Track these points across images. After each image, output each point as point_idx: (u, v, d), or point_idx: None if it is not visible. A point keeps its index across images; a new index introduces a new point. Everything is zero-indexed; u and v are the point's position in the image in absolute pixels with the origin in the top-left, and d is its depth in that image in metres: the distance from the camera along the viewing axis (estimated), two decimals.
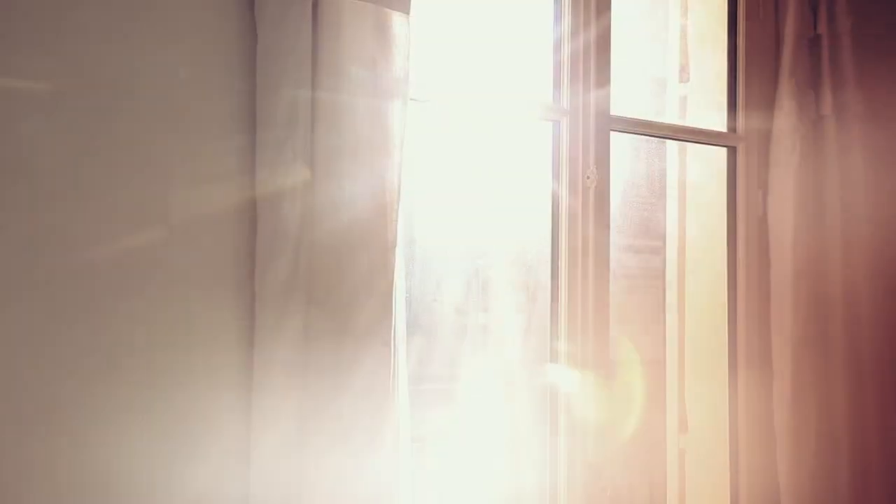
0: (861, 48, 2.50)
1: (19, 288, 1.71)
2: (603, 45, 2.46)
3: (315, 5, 1.88)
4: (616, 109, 2.48)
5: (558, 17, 2.46)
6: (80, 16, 1.76)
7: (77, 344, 1.74)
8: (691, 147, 2.81)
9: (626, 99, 2.66)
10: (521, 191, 2.50)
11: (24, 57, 1.71)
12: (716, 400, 2.57)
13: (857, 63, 2.50)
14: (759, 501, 2.47)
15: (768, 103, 2.58)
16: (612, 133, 2.46)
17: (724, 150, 2.71)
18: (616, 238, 2.47)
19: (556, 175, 2.42)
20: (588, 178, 2.41)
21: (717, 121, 2.74)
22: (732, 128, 2.70)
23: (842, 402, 2.44)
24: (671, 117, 2.87)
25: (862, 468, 2.44)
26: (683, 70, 2.79)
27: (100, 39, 1.78)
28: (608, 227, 2.41)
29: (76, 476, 1.74)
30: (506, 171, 2.48)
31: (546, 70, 2.45)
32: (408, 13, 1.98)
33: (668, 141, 2.84)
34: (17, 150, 1.70)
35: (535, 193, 2.46)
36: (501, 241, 2.44)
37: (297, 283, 1.87)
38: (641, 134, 2.69)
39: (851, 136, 2.49)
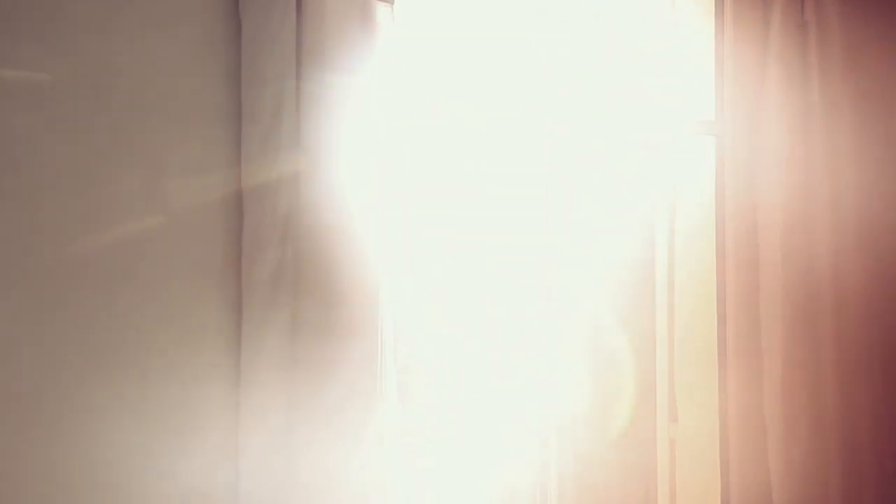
0: (849, 35, 2.49)
1: (6, 283, 1.70)
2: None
3: None
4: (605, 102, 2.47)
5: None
6: (73, 9, 1.75)
7: (64, 338, 1.74)
8: (681, 136, 2.80)
9: (613, 91, 2.65)
10: (514, 184, 2.48)
11: (18, 49, 1.70)
12: (706, 390, 2.56)
13: (845, 50, 2.49)
14: (750, 491, 2.47)
15: (756, 90, 2.57)
16: (600, 126, 2.46)
17: (712, 139, 2.70)
18: (606, 227, 2.46)
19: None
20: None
21: (706, 110, 2.73)
22: (720, 116, 2.69)
23: (832, 391, 2.44)
24: (659, 108, 2.86)
25: (853, 456, 2.44)
26: (670, 60, 2.78)
27: (90, 31, 1.77)
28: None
29: (66, 471, 1.73)
30: (495, 164, 2.46)
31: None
32: (392, 3, 1.98)
33: (658, 130, 2.83)
34: (7, 142, 1.70)
35: (527, 189, 2.46)
36: (495, 233, 2.42)
37: (284, 275, 1.86)
38: (630, 127, 2.68)
39: (841, 124, 2.49)
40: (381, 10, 1.96)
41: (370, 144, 1.94)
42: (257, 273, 1.86)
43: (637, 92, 2.77)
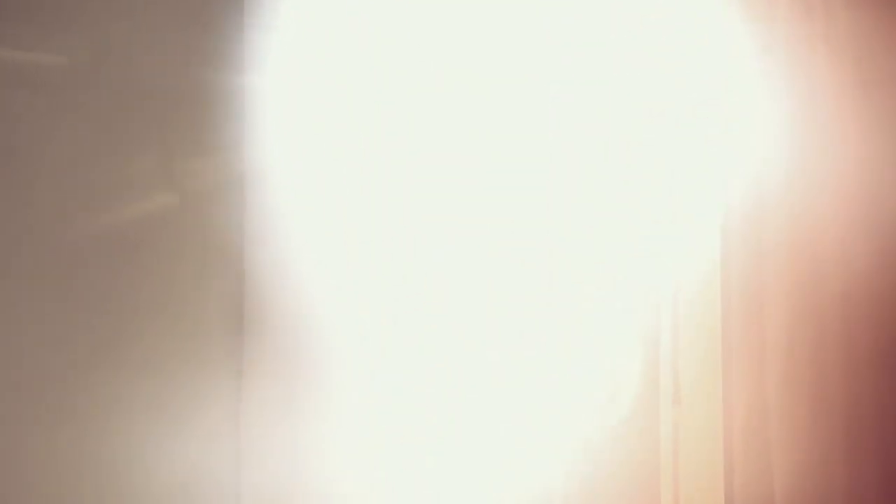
0: (857, 20, 2.48)
1: (4, 269, 1.69)
2: None
3: None
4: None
5: None
6: None
7: (61, 328, 1.73)
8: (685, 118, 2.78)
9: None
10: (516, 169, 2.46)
11: (27, 32, 1.70)
12: (710, 372, 2.57)
13: (852, 35, 2.48)
14: (753, 480, 2.48)
15: (761, 76, 2.56)
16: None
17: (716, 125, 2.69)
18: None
19: None
20: None
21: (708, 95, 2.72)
22: (723, 102, 2.68)
23: (836, 379, 2.45)
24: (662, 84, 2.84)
25: (857, 445, 2.45)
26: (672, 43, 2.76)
27: (92, 12, 1.76)
28: None
29: (64, 465, 1.73)
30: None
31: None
32: None
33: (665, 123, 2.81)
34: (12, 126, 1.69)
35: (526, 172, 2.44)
36: (494, 223, 2.41)
37: (288, 263, 1.86)
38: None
39: (848, 113, 2.48)
40: None
41: (375, 130, 1.94)
42: (261, 261, 1.85)
43: (638, 73, 2.75)
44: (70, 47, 1.74)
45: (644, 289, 2.50)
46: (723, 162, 2.57)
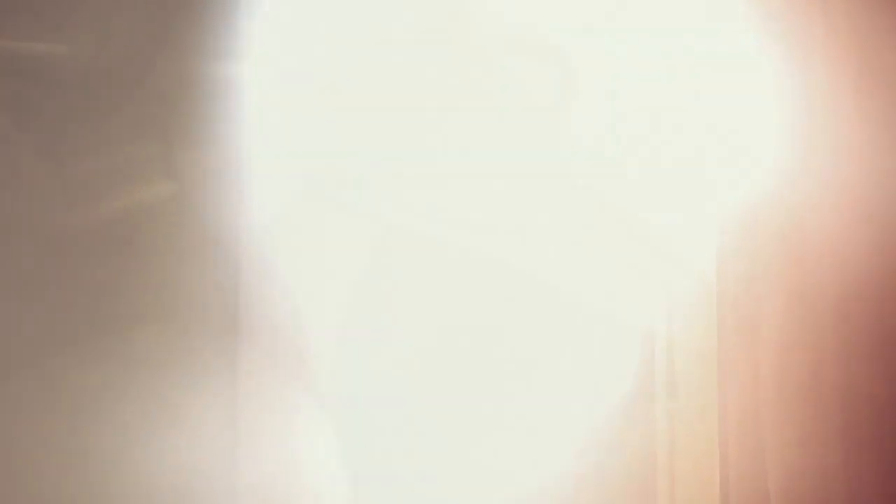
0: (856, 6, 2.48)
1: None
2: None
3: None
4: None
5: None
6: None
7: (55, 320, 1.72)
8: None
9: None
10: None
11: (32, 22, 1.68)
12: (705, 370, 2.58)
13: (851, 23, 2.48)
14: (748, 480, 2.48)
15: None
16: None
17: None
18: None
19: None
20: None
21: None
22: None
23: (833, 377, 2.45)
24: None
25: (853, 440, 2.46)
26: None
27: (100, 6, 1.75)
28: None
29: (61, 460, 1.71)
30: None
31: None
32: None
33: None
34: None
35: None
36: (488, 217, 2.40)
37: (284, 255, 1.85)
38: None
39: (846, 103, 2.49)
40: None
41: (373, 123, 1.93)
42: (257, 256, 1.84)
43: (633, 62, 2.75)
44: (66, 37, 1.73)
45: (640, 284, 2.50)
46: (721, 160, 2.58)
